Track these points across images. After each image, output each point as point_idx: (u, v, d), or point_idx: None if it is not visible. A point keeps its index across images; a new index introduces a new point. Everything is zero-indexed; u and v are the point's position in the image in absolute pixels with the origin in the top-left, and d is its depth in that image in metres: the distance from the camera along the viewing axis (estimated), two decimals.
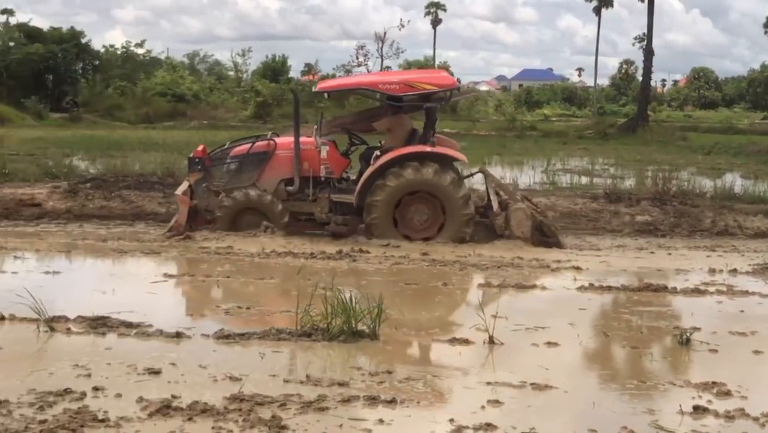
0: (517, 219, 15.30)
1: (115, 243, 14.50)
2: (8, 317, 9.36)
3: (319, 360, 8.35)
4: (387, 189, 15.05)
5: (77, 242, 14.61)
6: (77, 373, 7.53)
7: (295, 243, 14.57)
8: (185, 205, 15.57)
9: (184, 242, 14.53)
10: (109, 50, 79.33)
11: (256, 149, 15.95)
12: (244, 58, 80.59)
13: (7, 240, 14.56)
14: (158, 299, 11.05)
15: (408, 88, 15.45)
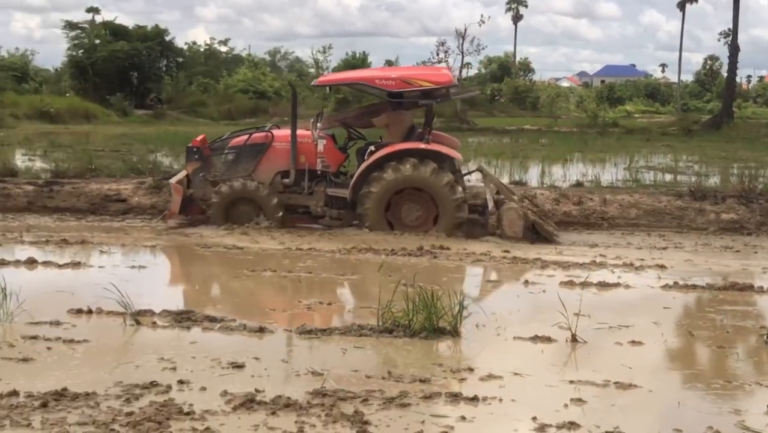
0: (508, 218, 15.37)
1: (198, 238, 14.66)
2: (95, 310, 9.52)
3: (401, 356, 8.36)
4: (372, 194, 15.22)
5: (161, 237, 14.81)
6: (163, 366, 7.64)
7: (375, 240, 14.61)
8: (179, 194, 15.87)
9: (266, 239, 14.64)
10: (192, 48, 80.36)
11: (253, 140, 16.18)
12: (325, 55, 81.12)
13: (93, 235, 14.81)
14: (242, 294, 11.17)
15: (404, 84, 15.61)
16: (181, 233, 15.13)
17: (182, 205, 15.98)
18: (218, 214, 15.66)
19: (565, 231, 16.82)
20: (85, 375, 7.39)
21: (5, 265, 11.95)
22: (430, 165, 15.23)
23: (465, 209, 15.45)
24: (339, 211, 15.72)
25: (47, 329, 8.76)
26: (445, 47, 62.81)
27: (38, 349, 8.11)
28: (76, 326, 9.02)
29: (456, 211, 15.32)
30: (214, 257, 13.39)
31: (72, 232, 14.98)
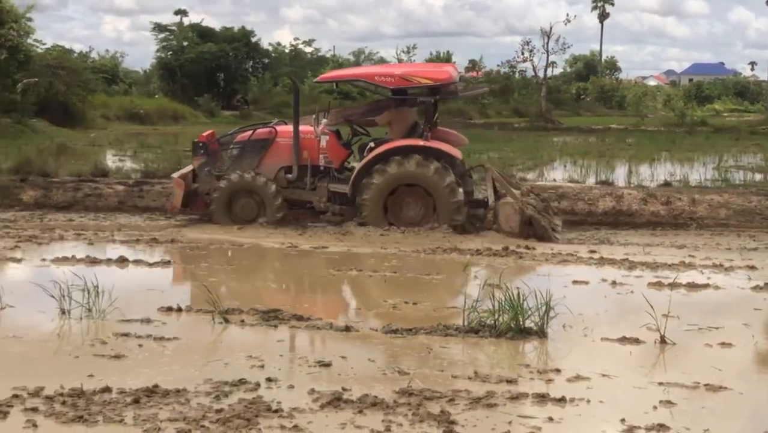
0: (504, 213, 15.43)
1: (284, 237, 14.78)
2: (185, 308, 9.68)
3: (487, 357, 8.35)
4: (374, 185, 15.34)
5: (246, 236, 14.95)
6: (251, 364, 7.73)
7: (460, 239, 14.61)
8: (180, 188, 16.01)
9: (354, 237, 14.71)
10: (277, 49, 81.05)
11: (257, 136, 16.36)
12: (409, 55, 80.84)
13: (182, 233, 15.04)
14: (327, 293, 11.24)
15: (403, 81, 15.73)
16: (263, 232, 15.23)
17: (186, 200, 16.18)
18: (219, 208, 15.86)
19: (653, 231, 16.65)
20: (175, 372, 7.52)
21: (97, 263, 12.20)
22: (434, 163, 15.29)
23: (463, 213, 15.47)
24: (341, 207, 15.85)
25: (138, 327, 8.93)
26: (530, 46, 62.28)
27: (130, 346, 8.27)
28: (166, 323, 9.18)
29: (454, 214, 15.38)
30: (300, 257, 13.48)
31: (161, 231, 15.22)
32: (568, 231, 15.57)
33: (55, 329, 8.91)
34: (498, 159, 25.73)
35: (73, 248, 13.43)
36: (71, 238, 14.50)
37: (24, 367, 7.68)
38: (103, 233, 15.02)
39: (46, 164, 21.18)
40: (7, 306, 9.59)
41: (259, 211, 15.88)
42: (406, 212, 15.57)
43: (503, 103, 68.74)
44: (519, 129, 47.14)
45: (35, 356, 8.11)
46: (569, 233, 15.47)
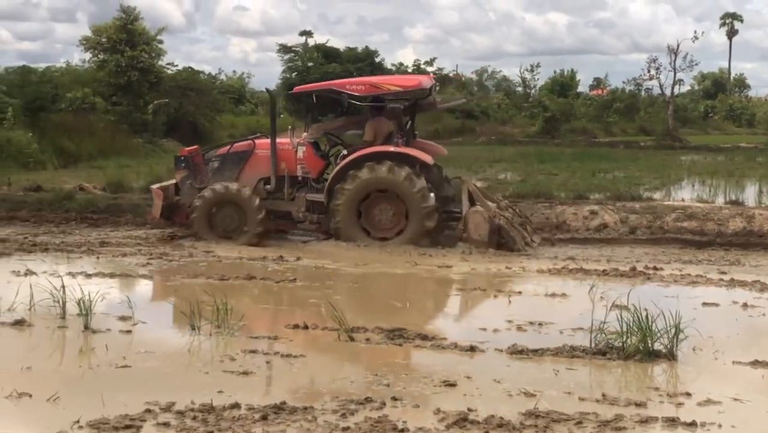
0: (474, 222, 15.49)
1: (408, 256, 14.80)
2: (311, 326, 9.78)
3: (615, 379, 8.23)
4: (346, 191, 15.60)
5: (371, 255, 15.02)
6: (377, 382, 7.77)
7: (585, 259, 14.46)
8: (159, 198, 16.44)
9: (478, 258, 14.68)
10: (400, 68, 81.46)
11: (236, 149, 16.81)
12: (533, 74, 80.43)
13: (305, 253, 15.18)
14: (452, 312, 11.23)
15: (373, 89, 16.21)
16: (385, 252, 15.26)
17: (168, 211, 16.62)
18: (201, 218, 16.11)
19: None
20: (302, 389, 7.61)
21: (226, 280, 12.42)
22: (404, 169, 15.47)
23: (434, 218, 15.61)
24: (319, 216, 16.09)
25: (266, 344, 9.06)
26: (657, 64, 61.19)
27: (258, 363, 8.39)
28: (293, 340, 9.29)
29: (425, 219, 15.52)
30: (424, 276, 13.50)
31: (287, 249, 15.38)
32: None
33: (185, 345, 9.10)
34: (624, 178, 25.36)
35: (204, 265, 13.70)
36: (200, 256, 14.79)
37: (156, 382, 7.86)
38: (231, 252, 15.26)
39: None
40: (140, 322, 9.84)
41: (240, 222, 16.10)
42: (379, 218, 15.84)
43: (629, 121, 67.61)
44: (645, 148, 46.33)
45: (167, 371, 8.29)
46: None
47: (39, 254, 14.63)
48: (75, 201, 19.66)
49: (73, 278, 12.13)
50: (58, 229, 17.38)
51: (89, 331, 9.46)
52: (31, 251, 14.86)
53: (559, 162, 32.50)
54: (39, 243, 15.51)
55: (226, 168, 16.58)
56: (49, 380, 7.79)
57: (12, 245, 15.22)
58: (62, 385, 7.57)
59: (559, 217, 17.54)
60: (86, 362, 8.53)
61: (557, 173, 27.60)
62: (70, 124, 39.39)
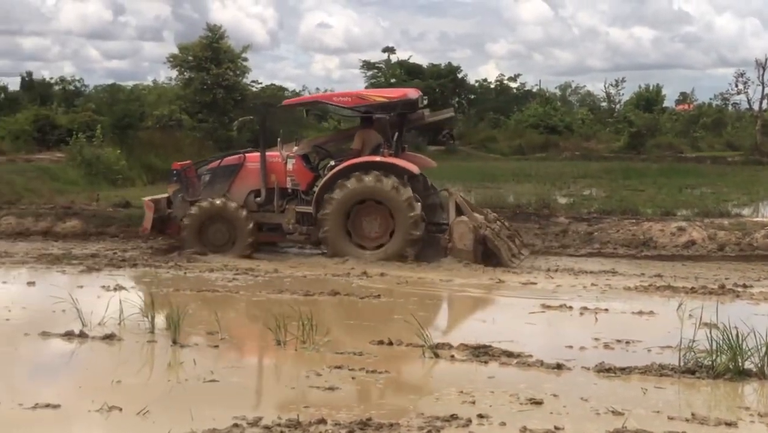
0: (459, 232, 15.65)
1: (492, 273, 14.75)
2: (395, 342, 9.78)
3: (704, 398, 8.10)
4: (334, 201, 15.86)
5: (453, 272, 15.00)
6: (462, 399, 7.74)
7: (673, 276, 14.26)
8: (150, 210, 16.93)
9: (561, 276, 14.58)
10: (483, 84, 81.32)
11: (226, 162, 17.18)
12: (617, 89, 79.67)
13: (387, 269, 15.18)
14: (537, 330, 11.14)
15: (359, 99, 16.58)
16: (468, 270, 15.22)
17: (160, 223, 17.15)
18: (191, 234, 16.51)
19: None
20: (387, 405, 7.62)
21: (311, 296, 12.50)
22: (391, 179, 15.70)
23: (421, 227, 15.80)
24: (309, 228, 16.31)
25: (351, 359, 9.08)
26: (744, 78, 60.21)
27: (343, 378, 8.42)
28: (378, 357, 9.30)
29: (411, 228, 15.70)
30: (507, 292, 13.44)
31: (372, 265, 15.41)
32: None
33: (271, 360, 9.18)
34: (711, 194, 24.98)
35: (288, 280, 13.81)
36: (287, 271, 14.90)
37: (243, 396, 7.94)
38: (314, 267, 15.36)
39: None
40: (227, 337, 9.94)
41: (230, 236, 16.48)
42: (366, 227, 16.10)
43: (716, 136, 66.62)
44: (733, 163, 45.64)
45: (253, 386, 8.38)
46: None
47: (128, 270, 14.90)
48: None
49: (161, 292, 12.33)
50: (146, 244, 17.65)
51: (177, 345, 9.58)
52: (120, 266, 15.14)
53: (645, 178, 32.16)
54: (128, 258, 15.80)
55: (217, 181, 16.95)
56: (138, 394, 7.91)
57: (102, 261, 15.52)
58: (151, 399, 7.68)
59: (645, 233, 17.33)
60: (175, 377, 8.65)
61: (643, 189, 27.32)
62: (157, 141, 40.13)
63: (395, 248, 15.82)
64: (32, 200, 21.90)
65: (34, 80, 65.17)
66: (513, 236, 17.01)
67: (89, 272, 14.57)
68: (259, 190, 16.64)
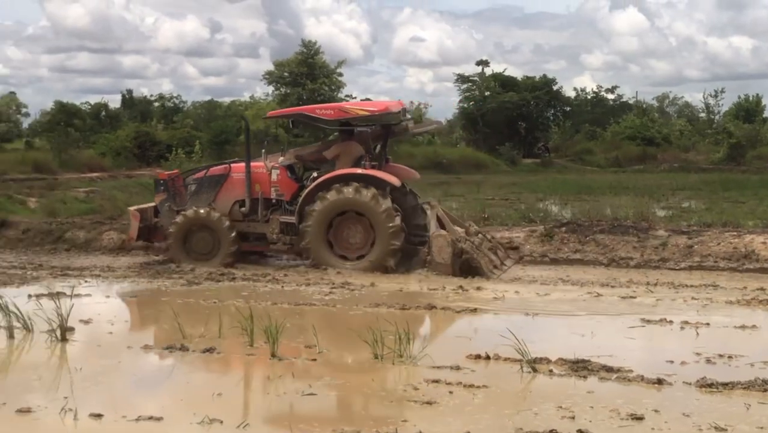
0: (437, 246, 15.90)
1: (590, 287, 14.61)
2: (493, 356, 9.74)
3: None
4: (315, 212, 16.28)
5: (556, 286, 14.90)
6: (561, 415, 7.67)
7: None
8: (136, 219, 17.45)
9: (660, 290, 14.37)
10: (578, 96, 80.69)
11: (212, 172, 17.64)
12: (716, 99, 78.37)
13: (483, 283, 15.13)
14: (637, 344, 10.97)
15: (341, 112, 16.88)
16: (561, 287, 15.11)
17: (147, 232, 17.71)
18: (176, 243, 17.03)
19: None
20: (485, 420, 7.58)
21: (407, 309, 12.50)
22: (370, 190, 16.09)
23: (400, 237, 16.18)
24: (292, 238, 16.74)
25: (448, 373, 9.06)
26: None
27: (440, 392, 8.41)
28: (475, 371, 9.27)
29: (391, 239, 16.07)
30: (606, 305, 13.28)
31: (468, 279, 15.36)
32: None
33: (369, 374, 9.19)
34: None
35: (384, 294, 13.85)
36: (381, 284, 14.95)
37: (341, 410, 8.00)
38: (410, 282, 15.38)
39: None
40: (324, 350, 10.00)
41: (214, 245, 16.93)
42: (347, 238, 16.49)
43: None
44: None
45: (351, 400, 8.41)
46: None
47: (226, 282, 15.09)
48: None
49: (260, 306, 12.46)
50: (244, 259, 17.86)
51: (276, 359, 9.67)
52: (219, 280, 15.33)
53: (746, 190, 31.54)
54: (226, 273, 15.98)
55: (203, 191, 17.43)
56: (238, 407, 8.02)
57: (202, 275, 15.73)
58: (251, 412, 7.79)
59: (747, 246, 16.96)
60: (273, 390, 8.72)
61: (744, 201, 26.81)
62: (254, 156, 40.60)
63: (376, 258, 16.17)
64: None
65: (134, 97, 66.61)
66: (495, 248, 17.35)
67: (189, 286, 14.80)
68: (245, 200, 17.11)
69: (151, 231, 17.87)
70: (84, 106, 61.48)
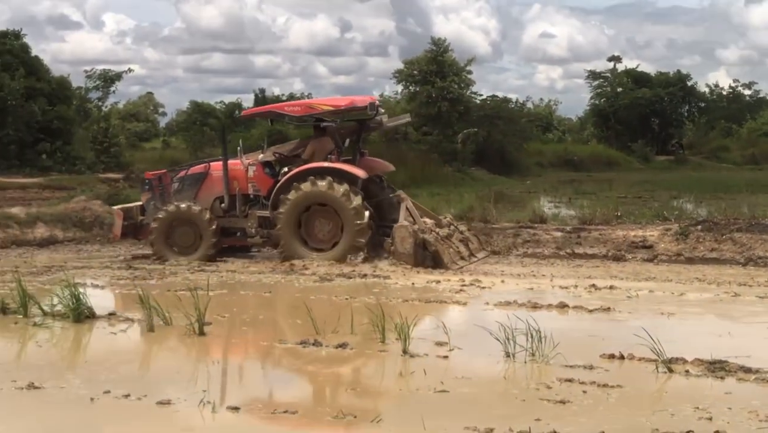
0: (400, 235, 16.51)
1: (727, 287, 14.28)
2: (627, 356, 9.60)
3: None
4: (289, 201, 16.94)
5: (691, 285, 14.62)
6: (698, 416, 7.51)
7: None
8: (120, 218, 18.23)
9: None
10: (714, 92, 78.88)
11: (193, 171, 18.39)
12: None
13: (618, 280, 14.94)
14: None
15: (308, 109, 17.68)
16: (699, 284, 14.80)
17: (133, 230, 18.41)
18: (159, 237, 17.66)
19: None
20: (620, 420, 7.48)
21: (539, 308, 12.43)
22: (343, 186, 16.73)
23: (366, 235, 16.79)
24: (269, 231, 17.35)
25: (581, 373, 8.97)
26: None
27: (574, 392, 8.33)
28: (609, 370, 9.16)
29: (357, 235, 16.72)
30: (741, 307, 12.96)
31: (601, 278, 15.22)
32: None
33: (501, 372, 9.17)
34: None
35: (514, 292, 13.80)
36: (511, 283, 14.90)
37: (473, 407, 7.96)
38: (541, 278, 15.29)
39: (486, 211, 21.98)
40: (456, 348, 10.00)
41: (195, 239, 17.60)
42: (317, 230, 17.16)
43: None
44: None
45: (484, 397, 8.38)
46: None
47: (358, 280, 15.22)
48: None
49: (391, 302, 12.54)
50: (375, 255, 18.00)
51: (407, 355, 9.71)
52: (350, 276, 15.47)
53: None
54: (358, 270, 16.10)
55: (185, 189, 18.13)
56: (371, 402, 8.10)
57: (334, 272, 15.88)
58: (384, 407, 7.84)
59: None
60: (405, 386, 8.78)
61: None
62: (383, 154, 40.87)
63: (340, 253, 16.83)
64: None
65: (266, 97, 67.62)
66: (466, 240, 17.91)
67: (321, 282, 14.97)
68: (224, 196, 17.76)
69: (138, 229, 18.57)
70: (218, 105, 62.73)
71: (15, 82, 41.01)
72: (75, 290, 11.65)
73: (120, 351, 10.57)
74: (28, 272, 15.63)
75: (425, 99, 47.93)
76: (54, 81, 44.90)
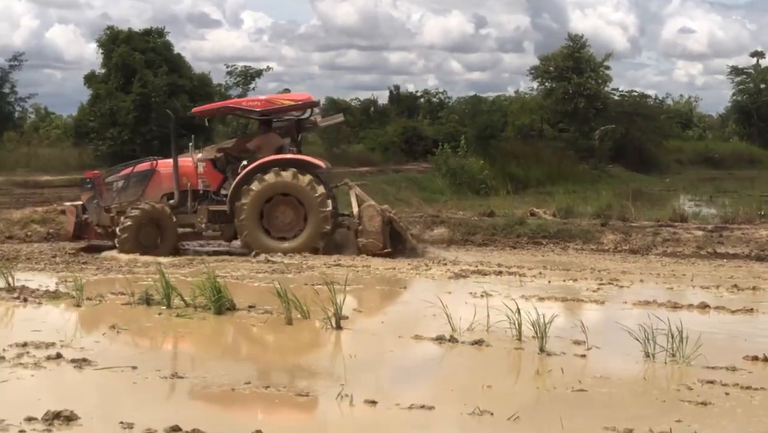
0: (368, 214, 17.28)
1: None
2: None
3: None
4: (252, 192, 17.24)
5: None
6: None
7: None
8: (72, 215, 18.22)
9: None
10: None
11: (138, 169, 18.42)
12: None
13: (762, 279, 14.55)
14: None
15: (268, 103, 17.93)
16: None
17: (79, 229, 18.22)
18: (131, 237, 17.37)
19: None
20: (764, 423, 7.35)
21: (679, 308, 12.19)
22: (307, 176, 17.31)
23: (330, 222, 17.40)
24: (220, 225, 17.75)
25: (723, 374, 8.78)
26: None
27: (716, 393, 8.16)
28: (752, 372, 8.94)
29: (322, 223, 17.32)
30: None
31: (744, 279, 14.85)
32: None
33: (640, 372, 9.04)
34: None
35: (653, 291, 13.57)
36: (651, 282, 14.65)
37: (612, 408, 7.87)
38: (681, 277, 15.01)
39: (624, 209, 21.65)
40: (594, 347, 9.89)
41: (159, 237, 17.60)
42: (280, 219, 17.53)
43: None
44: None
45: (622, 397, 8.26)
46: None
47: (493, 277, 15.17)
48: (526, 226, 20.24)
49: (527, 300, 12.45)
50: (510, 253, 17.94)
51: (544, 353, 9.65)
52: (486, 273, 15.43)
53: None
54: (493, 266, 16.05)
55: (130, 187, 18.17)
56: (508, 400, 8.06)
57: (468, 268, 15.87)
58: (521, 405, 7.80)
59: None
60: (542, 384, 8.72)
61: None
62: (518, 151, 40.75)
63: (306, 240, 17.32)
64: (402, 209, 22.80)
65: (401, 93, 67.87)
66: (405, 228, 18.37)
67: (456, 279, 14.96)
68: (172, 193, 17.92)
69: (83, 228, 18.54)
70: (353, 102, 63.23)
71: (158, 79, 42.06)
72: (216, 283, 11.92)
73: (259, 343, 10.77)
74: (170, 264, 16.03)
75: (561, 95, 47.45)
76: (195, 78, 45.86)
